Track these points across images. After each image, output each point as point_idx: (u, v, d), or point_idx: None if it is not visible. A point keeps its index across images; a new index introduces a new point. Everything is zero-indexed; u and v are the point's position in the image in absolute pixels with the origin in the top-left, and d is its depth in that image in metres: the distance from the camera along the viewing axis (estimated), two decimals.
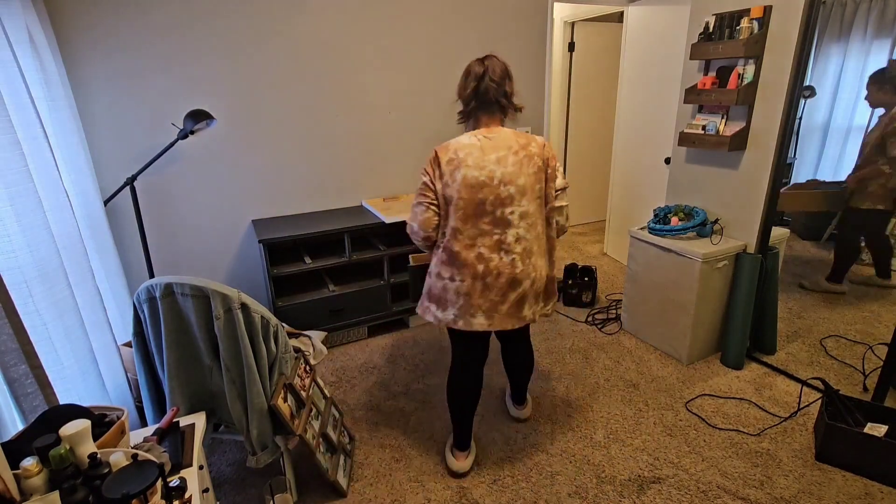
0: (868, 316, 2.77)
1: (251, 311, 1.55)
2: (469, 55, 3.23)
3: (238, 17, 2.54)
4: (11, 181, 1.42)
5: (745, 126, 2.39)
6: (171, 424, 1.36)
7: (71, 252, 1.73)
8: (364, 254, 2.83)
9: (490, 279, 1.64)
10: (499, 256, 1.63)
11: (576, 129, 4.62)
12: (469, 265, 1.64)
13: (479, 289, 1.65)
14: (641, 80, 3.52)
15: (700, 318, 2.52)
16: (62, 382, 1.56)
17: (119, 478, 1.01)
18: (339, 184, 3.07)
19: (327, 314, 2.77)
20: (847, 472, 1.88)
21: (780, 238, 2.57)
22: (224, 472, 1.98)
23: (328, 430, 1.88)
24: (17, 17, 1.70)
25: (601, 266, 3.95)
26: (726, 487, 1.83)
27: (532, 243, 1.66)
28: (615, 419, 2.21)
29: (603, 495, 1.82)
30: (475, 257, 1.63)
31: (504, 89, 1.65)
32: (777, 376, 2.47)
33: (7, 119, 1.42)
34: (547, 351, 2.78)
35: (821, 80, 2.62)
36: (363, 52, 2.90)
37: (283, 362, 1.71)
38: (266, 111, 2.74)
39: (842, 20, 2.52)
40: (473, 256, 1.63)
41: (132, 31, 2.34)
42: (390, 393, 2.45)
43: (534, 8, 3.33)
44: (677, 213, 2.65)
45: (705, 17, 2.46)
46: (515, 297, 1.68)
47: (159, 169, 2.56)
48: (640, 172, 3.66)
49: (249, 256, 2.93)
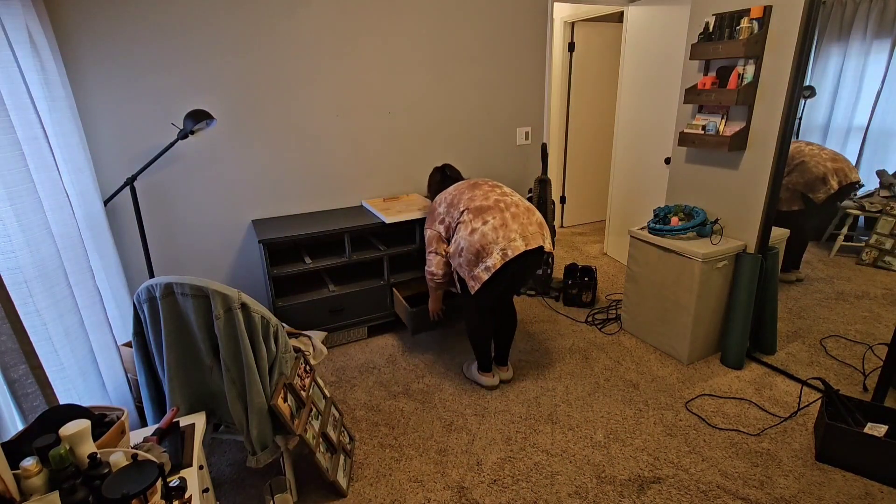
0: (868, 316, 2.77)
1: (251, 311, 1.56)
2: (469, 55, 3.26)
3: (238, 17, 2.54)
4: (11, 181, 1.42)
5: (745, 126, 2.39)
6: (171, 424, 1.36)
7: (71, 252, 1.73)
8: (364, 254, 2.83)
9: (514, 209, 2.14)
10: (510, 197, 2.19)
11: (576, 129, 4.62)
12: (493, 206, 2.12)
13: (508, 218, 2.10)
14: (641, 80, 3.52)
15: (700, 318, 2.52)
16: (62, 382, 1.56)
17: (119, 478, 1.01)
18: (339, 184, 3.07)
19: (327, 314, 2.77)
20: (847, 472, 1.88)
21: (780, 238, 2.57)
22: (224, 472, 1.98)
23: (328, 430, 1.88)
24: (17, 17, 1.70)
25: (601, 266, 3.95)
26: (726, 487, 1.83)
27: (528, 209, 2.22)
28: (615, 419, 2.21)
29: (603, 495, 1.82)
30: (494, 201, 2.14)
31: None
32: (777, 376, 2.47)
33: (7, 119, 1.42)
34: (547, 351, 2.78)
35: (821, 80, 2.62)
36: (363, 51, 2.90)
37: (283, 362, 1.71)
38: (266, 111, 2.74)
39: (842, 20, 2.52)
40: (492, 201, 2.14)
41: (132, 30, 2.34)
42: (390, 393, 2.45)
43: (534, 8, 3.33)
44: (677, 213, 2.65)
45: (705, 17, 2.46)
46: (537, 220, 2.18)
47: (159, 169, 2.56)
48: (640, 172, 3.66)
49: (249, 256, 2.93)
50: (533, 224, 2.14)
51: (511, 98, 3.45)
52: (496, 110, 3.43)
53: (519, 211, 2.14)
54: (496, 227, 2.07)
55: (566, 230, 4.92)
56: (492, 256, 2.05)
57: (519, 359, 2.71)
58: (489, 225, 2.07)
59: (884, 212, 2.64)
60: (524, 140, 3.62)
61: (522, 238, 2.08)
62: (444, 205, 2.25)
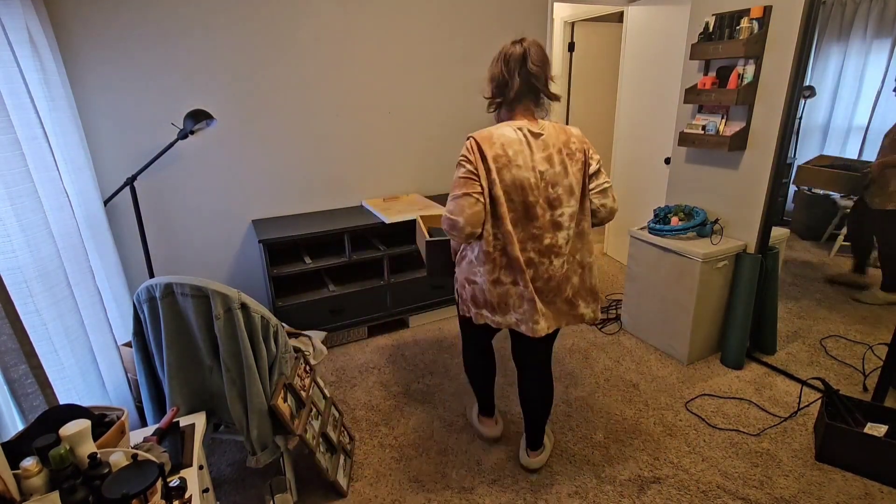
0: (868, 316, 2.77)
1: (251, 311, 1.55)
2: (469, 55, 3.26)
3: (238, 18, 2.54)
4: (11, 181, 1.42)
5: (745, 126, 2.39)
6: (171, 424, 1.36)
7: (71, 252, 1.73)
8: (364, 254, 2.83)
9: (540, 283, 1.59)
10: (549, 260, 1.57)
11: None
12: (528, 261, 1.57)
13: (542, 288, 1.59)
14: (641, 81, 3.52)
15: (700, 318, 2.52)
16: (62, 382, 1.56)
17: (119, 478, 1.01)
18: (339, 184, 3.07)
19: (327, 314, 2.77)
20: (847, 472, 1.88)
21: (780, 238, 2.57)
22: (224, 472, 1.98)
23: (328, 430, 1.88)
24: (17, 17, 1.70)
25: (601, 266, 3.95)
26: (726, 487, 1.83)
27: (577, 241, 1.62)
28: (615, 419, 2.21)
29: (603, 495, 1.82)
30: (526, 261, 1.56)
31: (546, 76, 1.53)
32: (777, 376, 2.47)
33: (7, 119, 1.42)
34: None
35: (821, 80, 2.62)
36: (363, 51, 2.89)
37: (283, 362, 1.71)
38: (266, 111, 2.74)
39: (842, 20, 2.52)
40: (525, 260, 1.56)
41: (132, 31, 2.34)
42: (390, 393, 2.45)
43: (534, 8, 3.33)
44: (677, 213, 2.65)
45: (705, 17, 2.46)
46: (566, 296, 1.64)
47: (159, 169, 2.56)
48: (640, 172, 3.66)
49: (249, 256, 2.93)
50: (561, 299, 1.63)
51: None
52: None
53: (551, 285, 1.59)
54: (523, 296, 1.58)
55: None
56: (505, 315, 1.64)
57: None
58: (518, 288, 1.58)
59: None
60: None
61: (544, 318, 1.60)
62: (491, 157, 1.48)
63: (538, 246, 1.56)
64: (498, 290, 1.60)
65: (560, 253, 1.58)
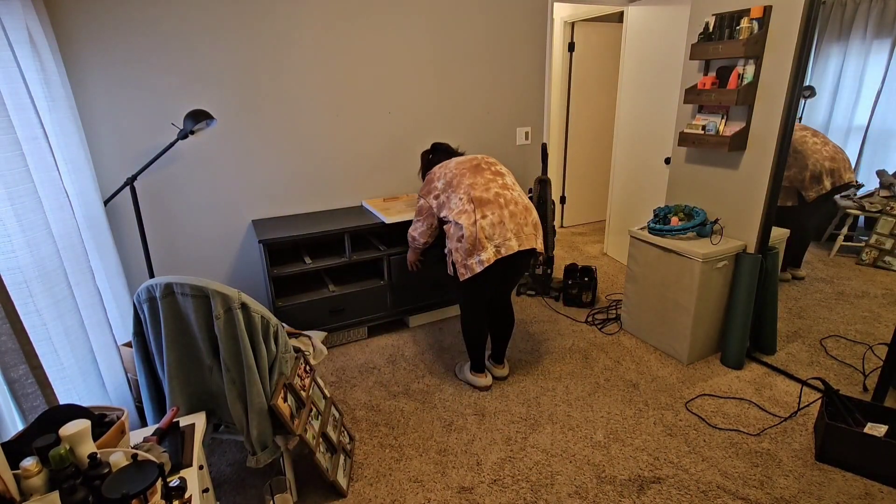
0: (868, 316, 2.77)
1: (251, 311, 1.56)
2: (469, 55, 3.26)
3: (239, 18, 2.54)
4: (11, 181, 1.42)
5: (745, 126, 2.39)
6: (171, 424, 1.36)
7: (71, 252, 1.73)
8: (364, 254, 2.83)
9: (512, 207, 2.12)
10: (510, 192, 2.16)
11: (576, 129, 4.62)
12: (493, 201, 2.10)
13: (506, 216, 2.10)
14: (641, 80, 3.52)
15: (700, 318, 2.52)
16: (62, 382, 1.56)
17: (119, 478, 1.01)
18: (339, 184, 3.07)
19: (327, 314, 2.77)
20: (847, 472, 1.88)
21: (780, 238, 2.57)
22: (224, 472, 1.98)
23: (328, 430, 1.88)
24: (17, 17, 1.70)
25: (601, 266, 3.95)
26: (726, 487, 1.83)
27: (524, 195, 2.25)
28: (615, 419, 2.21)
29: (603, 495, 1.82)
30: (494, 195, 2.12)
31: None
32: (777, 376, 2.47)
33: (7, 119, 1.42)
34: (547, 351, 2.78)
35: (821, 80, 2.62)
36: (363, 52, 2.90)
37: (283, 362, 1.71)
38: (266, 111, 2.74)
39: (842, 20, 2.51)
40: (493, 195, 2.12)
41: (132, 31, 2.34)
42: (390, 393, 2.45)
43: (534, 8, 3.33)
44: (677, 213, 2.65)
45: (705, 17, 2.46)
46: (532, 220, 2.18)
47: (159, 169, 2.56)
48: (640, 172, 3.66)
49: (249, 256, 2.93)
50: (529, 225, 2.16)
51: (511, 98, 3.45)
52: (496, 110, 3.43)
53: (517, 210, 2.14)
54: (494, 223, 2.09)
55: (566, 230, 4.92)
56: (486, 251, 2.08)
57: (519, 359, 2.71)
58: (487, 220, 2.08)
59: (884, 212, 2.64)
60: (524, 140, 3.62)
61: (517, 238, 2.11)
62: (443, 181, 2.20)
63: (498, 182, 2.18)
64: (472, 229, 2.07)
65: (513, 188, 2.20)
